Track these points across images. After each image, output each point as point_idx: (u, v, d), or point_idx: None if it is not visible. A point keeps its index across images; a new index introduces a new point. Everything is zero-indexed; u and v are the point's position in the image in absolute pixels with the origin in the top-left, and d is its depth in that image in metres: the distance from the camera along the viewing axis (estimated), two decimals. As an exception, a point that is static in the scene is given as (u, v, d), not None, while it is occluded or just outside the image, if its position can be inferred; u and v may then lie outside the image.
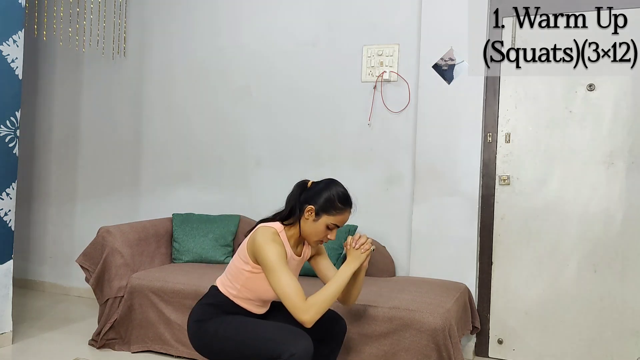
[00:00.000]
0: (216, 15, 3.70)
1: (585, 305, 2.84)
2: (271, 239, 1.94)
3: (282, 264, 1.91)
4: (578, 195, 2.87)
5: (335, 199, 1.99)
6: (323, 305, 1.88)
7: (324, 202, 1.99)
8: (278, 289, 1.89)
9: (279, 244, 1.95)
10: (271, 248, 1.92)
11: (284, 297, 1.87)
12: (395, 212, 3.21)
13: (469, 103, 3.01)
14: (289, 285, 1.87)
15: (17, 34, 2.86)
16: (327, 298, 1.90)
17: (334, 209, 1.99)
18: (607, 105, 2.82)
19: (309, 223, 2.01)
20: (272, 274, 1.91)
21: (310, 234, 2.02)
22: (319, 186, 2.04)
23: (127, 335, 2.90)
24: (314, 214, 1.99)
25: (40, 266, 4.19)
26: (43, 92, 4.20)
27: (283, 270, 1.89)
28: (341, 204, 2.00)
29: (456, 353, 2.34)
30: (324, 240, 2.05)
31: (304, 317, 1.84)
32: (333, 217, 1.99)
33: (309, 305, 1.85)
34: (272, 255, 1.91)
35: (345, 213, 2.02)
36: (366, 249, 2.00)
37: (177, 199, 3.77)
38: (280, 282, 1.88)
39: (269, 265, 1.91)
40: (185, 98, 3.78)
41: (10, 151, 2.88)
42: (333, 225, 2.00)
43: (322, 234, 2.02)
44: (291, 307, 1.86)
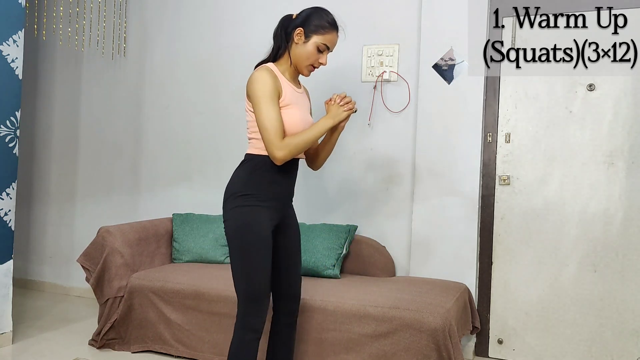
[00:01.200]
0: (216, 15, 3.70)
1: (585, 305, 2.85)
2: (262, 73, 1.97)
3: (268, 97, 1.94)
4: (578, 195, 2.87)
5: (323, 18, 2.04)
6: (297, 147, 1.94)
7: (312, 22, 2.03)
8: (259, 122, 1.94)
9: (269, 77, 1.96)
10: (259, 80, 1.95)
11: (263, 130, 1.93)
12: (395, 212, 3.21)
13: (469, 103, 3.01)
14: (271, 120, 1.92)
15: (17, 34, 2.86)
16: (301, 141, 1.95)
17: (322, 28, 2.02)
18: (607, 105, 2.82)
19: (299, 47, 2.04)
20: (256, 107, 1.94)
21: (301, 58, 2.05)
22: (305, 12, 2.07)
23: (127, 335, 2.91)
24: (304, 36, 2.03)
25: (40, 266, 4.19)
26: (43, 92, 4.20)
27: (268, 103, 1.93)
28: (329, 24, 2.04)
29: (456, 353, 2.34)
30: (316, 64, 2.08)
31: (277, 154, 1.91)
32: (322, 37, 2.03)
33: (284, 144, 1.91)
34: (257, 90, 1.94)
35: (333, 32, 2.05)
36: (349, 107, 2.04)
37: (177, 199, 3.77)
38: (262, 114, 1.93)
39: (255, 98, 1.95)
40: (186, 98, 3.78)
41: (10, 151, 2.88)
42: (323, 45, 2.04)
43: (313, 57, 2.05)
44: (267, 141, 1.92)
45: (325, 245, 3.00)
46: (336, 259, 2.98)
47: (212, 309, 2.73)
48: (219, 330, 2.70)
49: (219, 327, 2.70)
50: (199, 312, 2.76)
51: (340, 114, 2.04)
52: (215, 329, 2.72)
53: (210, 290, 2.75)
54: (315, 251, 2.98)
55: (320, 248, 2.99)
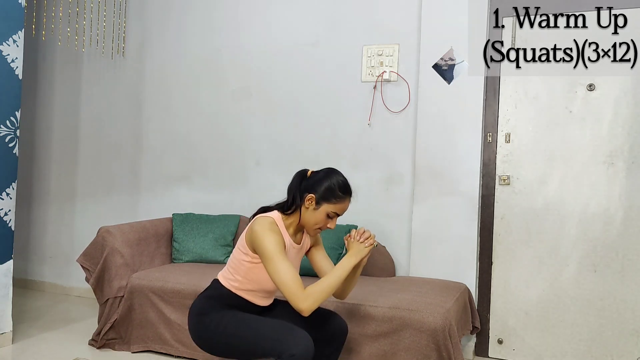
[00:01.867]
0: (216, 15, 3.70)
1: (585, 305, 2.85)
2: (268, 228, 1.95)
3: (280, 252, 1.91)
4: (578, 195, 2.87)
5: (335, 187, 2.01)
6: (321, 295, 1.88)
7: (324, 190, 2.00)
8: (276, 278, 1.90)
9: (276, 233, 1.96)
10: (268, 237, 1.93)
11: (282, 285, 1.88)
12: (395, 212, 3.21)
13: (469, 103, 3.01)
14: (287, 274, 1.88)
15: (17, 34, 2.85)
16: (325, 288, 1.89)
17: (334, 197, 2.00)
18: (607, 105, 2.82)
19: (309, 212, 2.02)
20: (269, 263, 1.91)
21: (310, 222, 2.03)
22: (318, 175, 2.06)
23: (127, 335, 2.90)
24: (315, 203, 2.00)
25: (40, 266, 4.19)
26: (43, 92, 4.20)
27: (281, 258, 1.90)
28: (341, 193, 2.02)
29: (456, 353, 2.34)
30: (323, 228, 2.06)
31: (302, 306, 1.84)
32: (333, 206, 2.01)
33: (307, 294, 1.85)
34: (269, 244, 1.91)
35: (345, 201, 2.04)
36: (370, 243, 2.01)
37: (177, 199, 3.77)
38: (277, 270, 1.89)
39: (266, 254, 1.92)
40: (185, 98, 3.78)
41: (10, 151, 2.88)
42: (334, 213, 2.02)
43: (322, 223, 2.03)
44: (289, 295, 1.86)
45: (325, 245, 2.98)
46: (336, 259, 2.98)
47: (212, 309, 2.72)
48: (219, 330, 2.70)
49: (219, 327, 2.70)
50: (199, 312, 2.75)
51: (362, 250, 1.99)
52: (215, 329, 2.71)
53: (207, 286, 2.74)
54: (315, 251, 2.98)
55: (320, 248, 2.99)
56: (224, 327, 1.97)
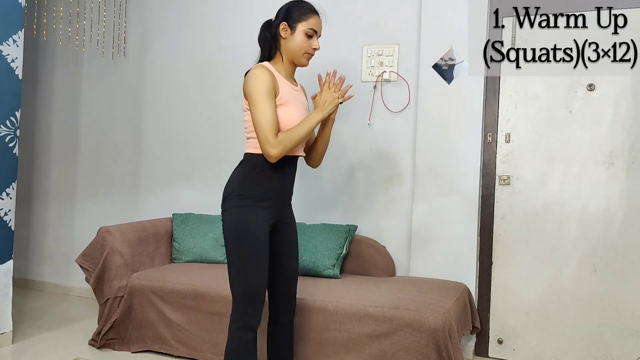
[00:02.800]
0: (216, 15, 3.70)
1: (585, 305, 2.85)
2: (256, 74, 1.98)
3: (264, 96, 1.95)
4: (578, 195, 2.87)
5: (302, 6, 2.09)
6: (290, 143, 1.95)
7: (293, 13, 2.07)
8: (254, 118, 1.95)
9: (264, 78, 1.97)
10: (256, 78, 1.97)
11: (258, 128, 1.94)
12: (395, 212, 3.22)
13: (469, 103, 3.01)
14: (266, 116, 1.93)
15: (17, 34, 2.86)
16: (294, 136, 1.96)
17: (304, 14, 2.07)
18: (607, 105, 2.82)
19: (288, 41, 2.07)
20: (252, 106, 1.96)
21: (294, 49, 2.07)
22: (282, 8, 2.11)
23: (127, 335, 2.91)
24: (289, 29, 2.06)
25: (40, 266, 4.19)
26: (43, 92, 4.20)
27: (264, 101, 1.94)
28: (309, 9, 2.09)
29: (456, 353, 2.34)
30: (310, 51, 2.10)
31: (272, 152, 1.93)
32: (306, 22, 2.07)
33: (277, 141, 1.92)
34: (255, 85, 1.95)
35: (315, 16, 2.10)
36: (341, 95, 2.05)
37: (177, 199, 3.77)
38: (257, 111, 1.94)
39: (251, 96, 1.96)
40: (185, 98, 3.78)
41: (10, 151, 2.88)
42: (311, 30, 2.07)
43: (305, 44, 2.07)
44: (262, 138, 1.93)
45: (325, 245, 3.00)
46: (336, 259, 2.98)
47: (212, 309, 2.73)
48: (219, 330, 2.70)
49: (219, 327, 2.70)
50: (199, 312, 2.76)
51: (330, 102, 2.04)
52: (215, 329, 2.72)
53: (210, 290, 2.75)
54: (315, 251, 2.98)
55: (320, 248, 2.99)
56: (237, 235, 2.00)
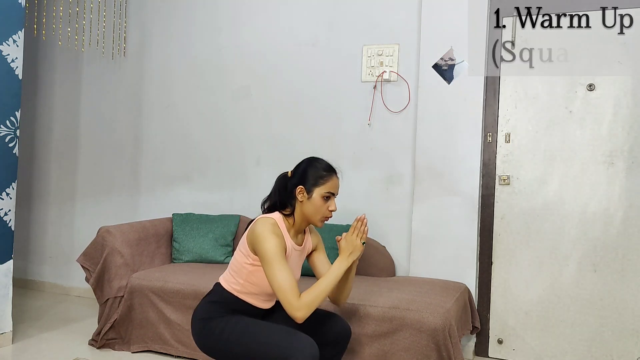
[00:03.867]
0: (216, 15, 3.70)
1: (585, 305, 2.85)
2: (270, 230, 1.94)
3: (280, 256, 1.90)
4: (578, 195, 2.87)
5: (319, 169, 2.05)
6: (316, 302, 1.88)
7: (310, 177, 2.03)
8: (273, 283, 1.89)
9: (277, 236, 1.95)
10: (269, 239, 1.92)
11: (278, 292, 1.88)
12: (395, 212, 3.21)
13: (469, 103, 3.01)
14: (284, 280, 1.87)
15: (17, 34, 2.86)
16: (319, 295, 1.89)
17: (321, 178, 2.03)
18: (607, 105, 2.82)
19: (305, 204, 2.03)
20: (268, 267, 1.91)
21: (311, 212, 2.03)
22: (300, 168, 2.08)
23: (127, 335, 2.91)
24: (306, 192, 2.02)
25: (40, 266, 4.19)
26: (43, 92, 4.20)
27: (280, 263, 1.89)
28: (326, 172, 2.05)
29: (456, 353, 2.34)
30: (327, 214, 2.05)
31: (297, 314, 1.85)
32: (324, 186, 2.02)
33: (302, 303, 1.85)
34: (269, 247, 1.91)
35: (333, 178, 2.05)
36: (364, 238, 2.01)
37: (177, 199, 3.77)
38: (275, 275, 1.88)
39: (266, 257, 1.91)
40: (185, 98, 3.78)
41: (10, 151, 2.88)
42: (328, 193, 2.03)
43: (322, 208, 2.03)
44: (284, 302, 1.87)
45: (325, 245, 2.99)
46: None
47: (212, 309, 2.72)
48: (219, 330, 2.70)
49: (219, 327, 2.70)
50: (199, 312, 2.75)
51: (356, 248, 1.99)
52: (215, 329, 2.72)
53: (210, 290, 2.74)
54: (315, 251, 2.98)
55: (320, 248, 2.99)
56: (228, 334, 1.96)
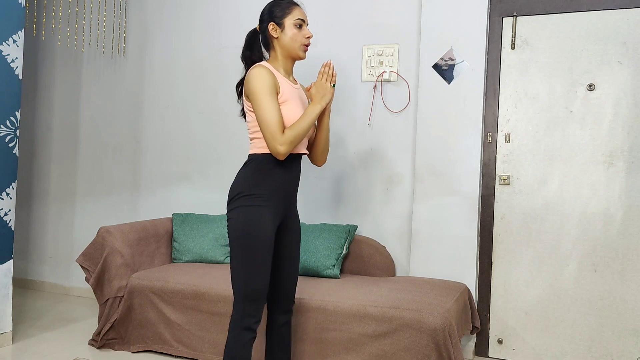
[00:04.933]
0: (216, 15, 3.70)
1: (585, 305, 2.85)
2: (257, 73, 2.00)
3: (267, 93, 1.97)
4: (578, 195, 2.87)
5: (281, 3, 2.12)
6: (297, 137, 1.98)
7: (275, 12, 2.10)
8: (260, 118, 1.97)
9: (267, 73, 2.00)
10: (257, 77, 1.98)
11: (264, 126, 1.96)
12: (395, 212, 3.22)
13: (469, 103, 3.01)
14: (272, 115, 1.95)
15: (17, 34, 2.86)
16: (298, 131, 1.98)
17: (286, 9, 2.10)
18: (607, 105, 2.82)
19: (281, 37, 2.10)
20: (256, 103, 1.97)
21: (289, 43, 2.10)
22: (263, 12, 2.15)
23: (127, 335, 2.91)
24: (278, 27, 2.10)
25: (40, 266, 4.19)
26: (43, 92, 4.20)
27: (267, 98, 1.96)
28: (287, 2, 2.12)
29: (456, 353, 2.34)
30: (305, 41, 2.11)
31: (280, 149, 1.95)
32: (292, 14, 2.10)
33: (285, 138, 1.95)
34: (257, 84, 1.97)
35: (296, 6, 2.13)
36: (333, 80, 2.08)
37: (177, 199, 3.77)
38: (262, 110, 1.96)
39: (254, 94, 1.98)
40: (185, 98, 3.78)
41: (10, 151, 2.88)
42: (299, 20, 2.10)
43: (298, 36, 2.10)
44: (269, 136, 1.95)
45: (325, 245, 3.00)
46: (336, 259, 2.98)
47: (212, 309, 2.73)
48: (219, 330, 2.70)
49: (219, 327, 2.71)
50: (199, 312, 2.76)
51: (326, 92, 2.06)
52: (215, 329, 2.72)
53: (210, 290, 2.75)
54: (315, 251, 2.99)
55: (320, 248, 2.99)
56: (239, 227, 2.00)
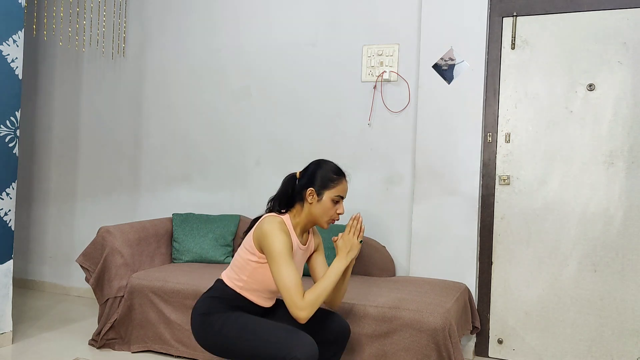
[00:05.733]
0: (216, 15, 3.70)
1: (585, 305, 2.85)
2: (278, 228, 1.96)
3: (287, 255, 1.91)
4: (578, 195, 2.87)
5: (329, 172, 2.07)
6: (318, 301, 1.90)
7: (320, 180, 2.05)
8: (279, 281, 1.90)
9: (285, 234, 1.96)
10: (277, 237, 1.93)
11: (283, 290, 1.89)
12: (395, 212, 3.22)
13: (469, 103, 3.01)
14: (290, 279, 1.88)
15: (17, 34, 2.86)
16: (322, 294, 1.91)
17: (331, 181, 2.05)
18: (607, 105, 2.82)
19: (314, 206, 2.05)
20: (275, 264, 1.91)
21: (319, 214, 2.05)
22: (309, 170, 2.10)
23: (127, 335, 2.91)
24: (316, 195, 2.04)
25: (40, 266, 4.19)
26: (43, 92, 4.20)
27: (287, 261, 1.90)
28: (336, 175, 2.07)
29: (456, 353, 2.34)
30: (335, 217, 2.07)
31: (301, 315, 1.87)
32: (334, 190, 2.05)
33: (306, 302, 1.87)
34: (277, 244, 1.92)
35: (342, 182, 2.08)
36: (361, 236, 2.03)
37: (177, 199, 3.77)
38: (281, 273, 1.89)
39: (273, 254, 1.92)
40: (185, 98, 3.78)
41: (10, 151, 2.88)
42: (337, 197, 2.06)
43: (331, 211, 2.06)
44: (289, 301, 1.87)
45: (325, 245, 3.00)
46: (336, 259, 2.98)
47: (212, 309, 2.72)
48: (219, 330, 2.70)
49: (219, 327, 2.70)
50: (199, 312, 2.76)
51: (353, 247, 2.02)
52: (215, 329, 2.72)
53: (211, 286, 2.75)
54: (315, 251, 2.98)
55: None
56: (227, 330, 1.97)
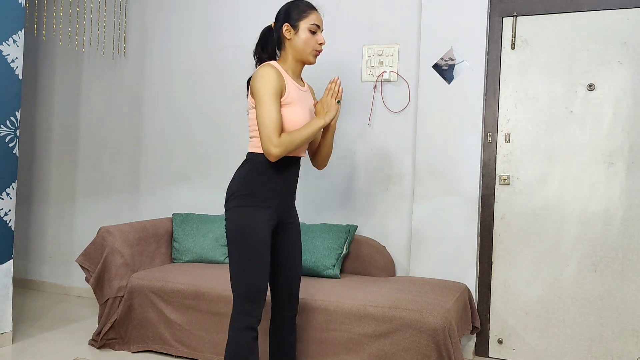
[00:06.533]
0: (216, 15, 3.70)
1: (585, 305, 2.85)
2: (264, 73, 1.99)
3: (271, 95, 1.97)
4: (578, 195, 2.87)
5: (300, 5, 2.11)
6: (292, 144, 1.97)
7: (293, 13, 2.09)
8: (259, 117, 1.96)
9: (272, 77, 1.99)
10: (263, 79, 1.98)
11: (262, 127, 1.95)
12: (395, 212, 3.22)
13: (469, 103, 3.01)
14: (271, 118, 1.94)
15: (17, 34, 2.86)
16: (295, 139, 1.98)
17: (303, 12, 2.09)
18: (607, 105, 2.82)
19: (294, 39, 2.09)
20: (259, 103, 1.97)
21: (301, 46, 2.09)
22: (280, 11, 2.14)
23: (127, 335, 2.91)
24: (292, 29, 2.08)
25: (40, 266, 4.19)
26: (43, 92, 4.20)
27: (270, 101, 1.96)
28: (307, 7, 2.11)
29: (456, 353, 2.34)
30: (317, 47, 2.11)
31: (273, 151, 1.94)
32: (307, 19, 2.09)
33: (281, 141, 1.94)
34: (261, 87, 1.97)
35: (314, 11, 2.12)
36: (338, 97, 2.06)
37: (177, 199, 3.77)
38: (263, 112, 1.95)
39: (258, 94, 1.98)
40: (185, 98, 3.78)
41: (10, 151, 2.88)
42: (314, 26, 2.09)
43: (311, 41, 2.09)
44: (265, 137, 1.94)
45: (325, 245, 3.00)
46: (336, 259, 2.99)
47: (212, 309, 2.73)
48: (219, 330, 2.70)
49: (219, 327, 2.71)
50: (199, 312, 2.76)
51: (331, 108, 2.06)
52: (215, 329, 2.72)
53: (210, 290, 2.75)
54: (315, 251, 2.99)
55: (320, 248, 2.99)
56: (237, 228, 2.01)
